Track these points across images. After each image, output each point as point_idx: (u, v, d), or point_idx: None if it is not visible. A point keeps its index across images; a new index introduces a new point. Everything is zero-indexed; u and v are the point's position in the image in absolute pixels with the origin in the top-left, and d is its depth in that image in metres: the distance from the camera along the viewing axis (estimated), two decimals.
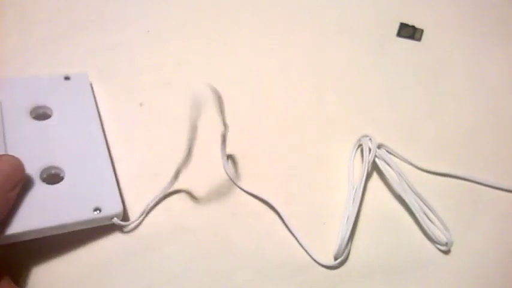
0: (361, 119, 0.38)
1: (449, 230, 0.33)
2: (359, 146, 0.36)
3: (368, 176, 0.35)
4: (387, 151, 0.36)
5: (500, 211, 0.34)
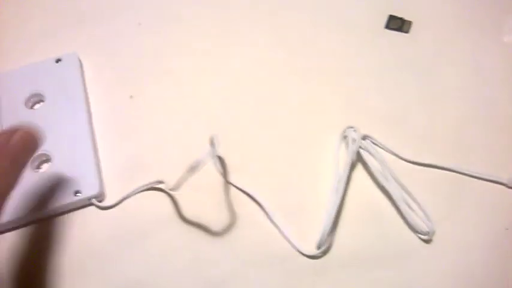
0: (348, 111, 0.38)
1: (431, 220, 0.33)
2: (345, 137, 0.37)
3: (352, 167, 0.35)
4: (372, 142, 0.36)
5: (482, 201, 0.35)
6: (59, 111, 0.38)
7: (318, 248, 0.33)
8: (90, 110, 0.39)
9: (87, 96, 0.39)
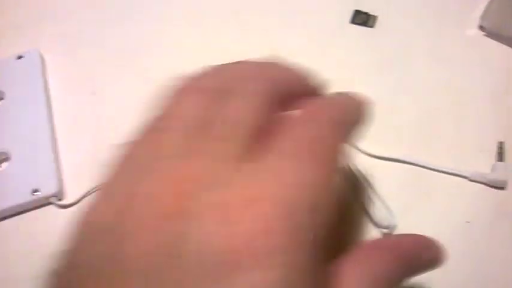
0: None
1: (392, 214, 0.33)
2: None
3: None
4: None
5: (444, 195, 0.35)
6: (19, 109, 0.37)
7: None
8: (51, 107, 0.38)
9: (48, 93, 0.39)
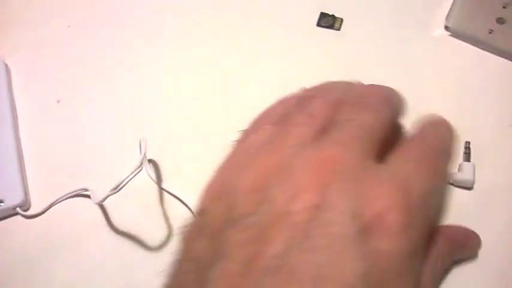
0: None
1: None
2: None
3: None
4: None
5: None
6: None
7: None
8: (16, 116, 0.38)
9: (13, 102, 0.38)
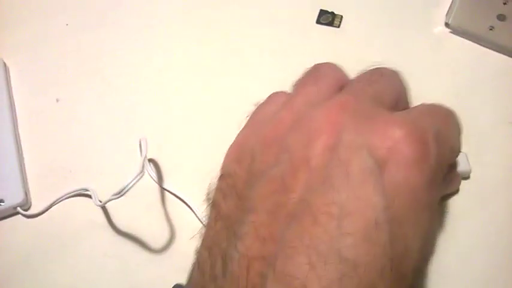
0: None
1: None
2: None
3: None
4: None
5: None
6: None
7: None
8: (15, 115, 0.38)
9: (12, 101, 0.38)
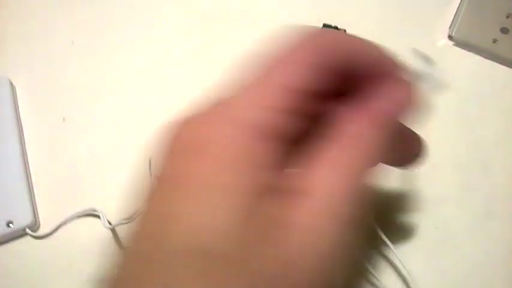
0: None
1: None
2: None
3: None
4: None
5: None
6: None
7: None
8: (22, 135, 0.38)
9: (19, 120, 0.38)
